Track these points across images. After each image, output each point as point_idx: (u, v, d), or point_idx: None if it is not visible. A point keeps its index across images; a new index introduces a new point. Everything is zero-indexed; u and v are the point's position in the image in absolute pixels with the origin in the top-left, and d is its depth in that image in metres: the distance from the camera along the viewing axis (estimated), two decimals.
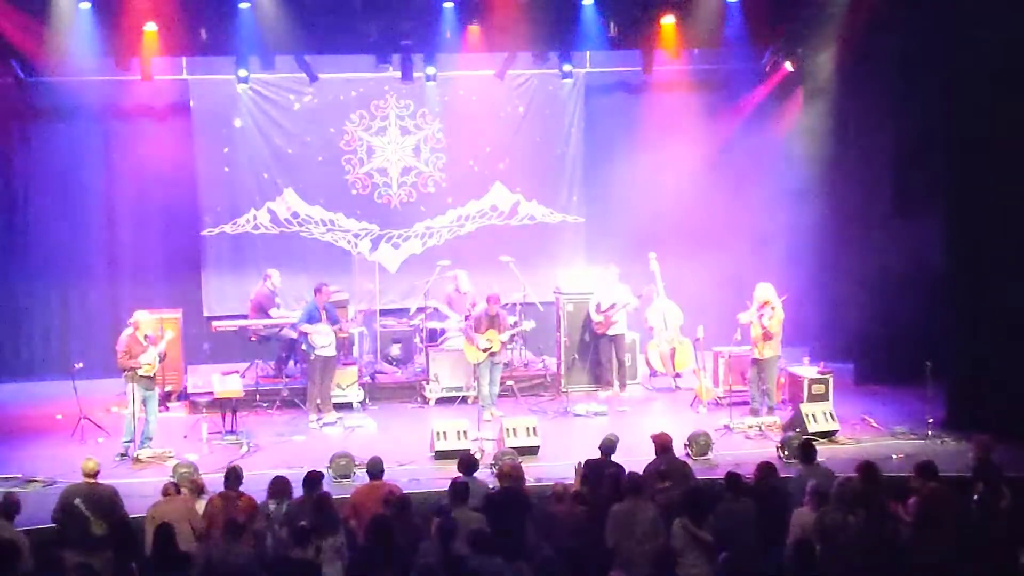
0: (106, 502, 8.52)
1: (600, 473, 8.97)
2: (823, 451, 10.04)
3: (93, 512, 8.39)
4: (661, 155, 14.86)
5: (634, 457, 9.64)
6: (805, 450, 9.31)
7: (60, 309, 14.55)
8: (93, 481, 8.68)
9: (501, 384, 13.18)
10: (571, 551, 7.86)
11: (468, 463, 9.02)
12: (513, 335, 12.96)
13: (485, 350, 12.58)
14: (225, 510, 8.26)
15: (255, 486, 8.83)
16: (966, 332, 12.15)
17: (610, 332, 13.67)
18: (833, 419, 11.80)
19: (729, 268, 14.35)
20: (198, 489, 9.13)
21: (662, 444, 9.32)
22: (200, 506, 8.69)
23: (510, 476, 8.86)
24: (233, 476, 8.67)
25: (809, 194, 14.58)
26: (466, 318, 13.76)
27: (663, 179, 14.90)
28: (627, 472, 8.79)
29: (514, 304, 13.99)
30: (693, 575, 7.60)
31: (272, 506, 8.38)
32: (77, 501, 8.46)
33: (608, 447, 9.44)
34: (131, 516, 8.72)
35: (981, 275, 11.96)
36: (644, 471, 8.95)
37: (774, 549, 7.97)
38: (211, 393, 12.49)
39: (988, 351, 11.85)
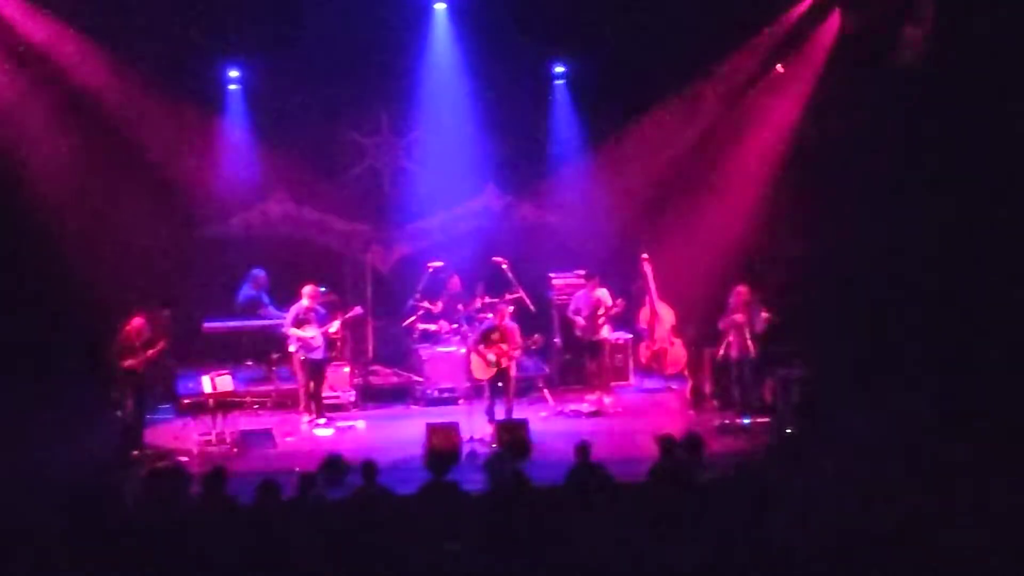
0: None
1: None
2: None
3: None
4: (654, 154, 14.89)
5: (626, 456, 9.66)
6: (793, 448, 9.33)
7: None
8: None
9: None
10: None
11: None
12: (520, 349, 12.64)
13: (493, 364, 12.47)
14: None
15: (245, 487, 8.80)
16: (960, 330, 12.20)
17: (597, 336, 13.65)
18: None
19: (720, 268, 14.34)
20: None
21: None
22: None
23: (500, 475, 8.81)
24: (216, 477, 8.62)
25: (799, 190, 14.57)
26: (458, 321, 13.78)
27: (655, 179, 14.92)
28: None
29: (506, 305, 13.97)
30: None
31: None
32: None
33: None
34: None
35: (975, 271, 12.03)
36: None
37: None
38: (201, 394, 12.45)
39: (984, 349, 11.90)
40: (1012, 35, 11.76)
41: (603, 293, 13.39)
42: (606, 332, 13.57)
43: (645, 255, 14.05)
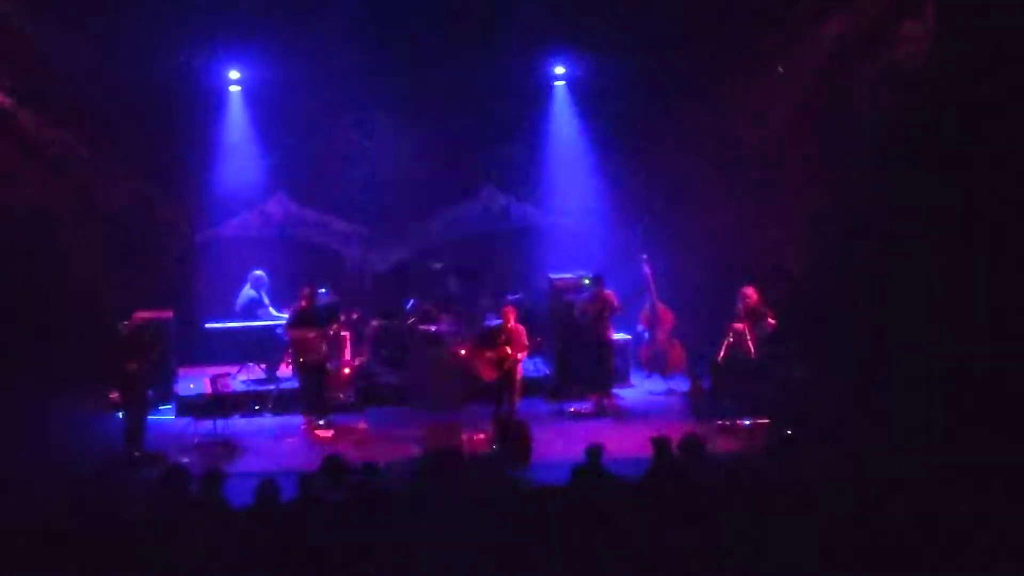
0: None
1: None
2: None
3: None
4: (651, 156, 14.89)
5: (626, 456, 9.66)
6: (793, 449, 9.33)
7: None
8: None
9: None
10: None
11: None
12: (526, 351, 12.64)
13: (498, 366, 12.41)
14: None
15: (245, 487, 8.81)
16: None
17: (603, 337, 13.65)
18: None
19: (720, 269, 14.35)
20: None
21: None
22: None
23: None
24: (212, 479, 8.61)
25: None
26: (455, 322, 13.77)
27: (653, 180, 14.92)
28: None
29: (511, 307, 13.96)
30: None
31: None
32: None
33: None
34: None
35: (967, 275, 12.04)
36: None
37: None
38: (201, 394, 12.46)
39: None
40: (1012, 34, 11.76)
41: (610, 294, 13.44)
42: (609, 332, 13.60)
43: (645, 256, 14.06)
